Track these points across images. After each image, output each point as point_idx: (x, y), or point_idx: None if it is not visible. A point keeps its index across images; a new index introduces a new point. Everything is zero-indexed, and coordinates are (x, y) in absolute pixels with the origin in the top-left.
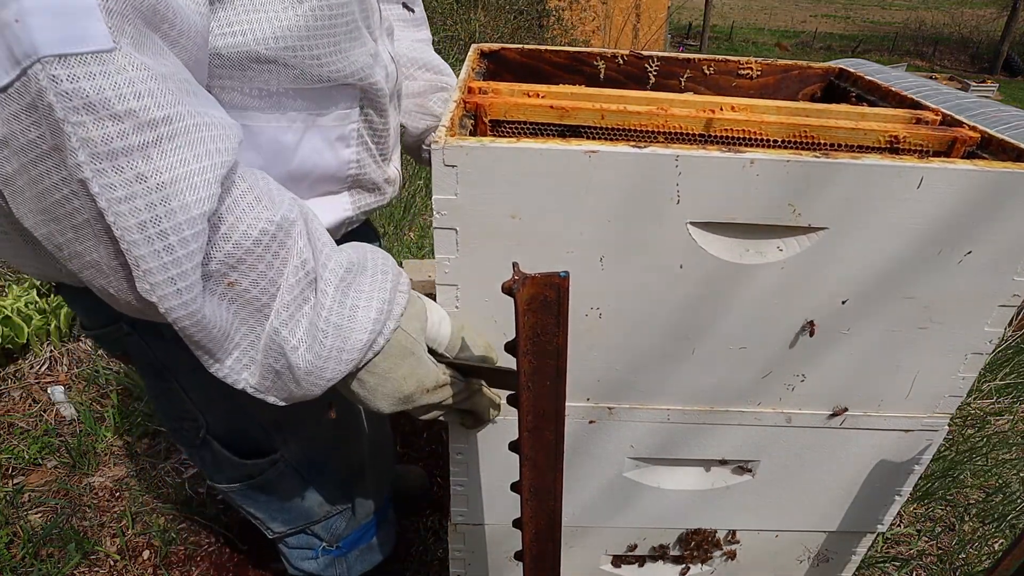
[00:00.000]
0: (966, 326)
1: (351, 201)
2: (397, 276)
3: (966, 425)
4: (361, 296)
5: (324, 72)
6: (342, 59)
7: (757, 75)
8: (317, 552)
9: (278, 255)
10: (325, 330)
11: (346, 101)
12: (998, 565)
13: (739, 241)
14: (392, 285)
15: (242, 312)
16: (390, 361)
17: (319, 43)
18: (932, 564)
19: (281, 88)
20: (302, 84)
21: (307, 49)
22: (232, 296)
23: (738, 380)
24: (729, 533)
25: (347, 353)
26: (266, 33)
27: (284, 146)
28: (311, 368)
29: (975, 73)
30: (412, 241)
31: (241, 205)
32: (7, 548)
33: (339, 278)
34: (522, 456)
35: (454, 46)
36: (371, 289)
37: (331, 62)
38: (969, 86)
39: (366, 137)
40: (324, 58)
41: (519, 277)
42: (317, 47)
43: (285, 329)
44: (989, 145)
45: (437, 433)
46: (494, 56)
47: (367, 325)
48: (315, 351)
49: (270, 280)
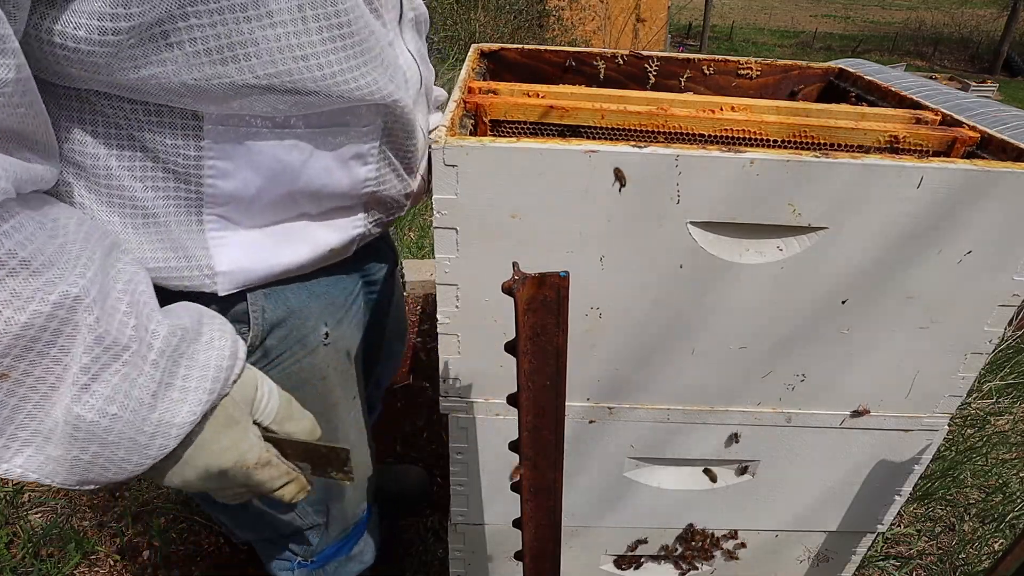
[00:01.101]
0: (966, 326)
1: (366, 218)
2: (235, 343)
3: (966, 425)
4: (194, 364)
5: (333, 93)
6: (350, 80)
7: (757, 75)
8: (293, 565)
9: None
10: (141, 401)
11: (363, 119)
12: (998, 565)
13: (739, 241)
14: (230, 351)
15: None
16: (211, 430)
17: (319, 63)
18: (932, 564)
19: (280, 114)
20: (304, 110)
21: (306, 72)
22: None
23: (738, 380)
24: (729, 533)
25: (176, 428)
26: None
27: (287, 166)
28: (130, 444)
29: (975, 73)
30: (412, 241)
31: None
32: (7, 548)
33: (170, 347)
34: (522, 456)
35: (454, 46)
36: (206, 355)
37: (337, 84)
38: (969, 86)
39: (389, 154)
40: (328, 79)
41: (519, 277)
42: (318, 68)
43: (81, 407)
44: (989, 145)
45: (437, 433)
46: (494, 56)
47: (201, 396)
48: (135, 426)
49: (49, 363)
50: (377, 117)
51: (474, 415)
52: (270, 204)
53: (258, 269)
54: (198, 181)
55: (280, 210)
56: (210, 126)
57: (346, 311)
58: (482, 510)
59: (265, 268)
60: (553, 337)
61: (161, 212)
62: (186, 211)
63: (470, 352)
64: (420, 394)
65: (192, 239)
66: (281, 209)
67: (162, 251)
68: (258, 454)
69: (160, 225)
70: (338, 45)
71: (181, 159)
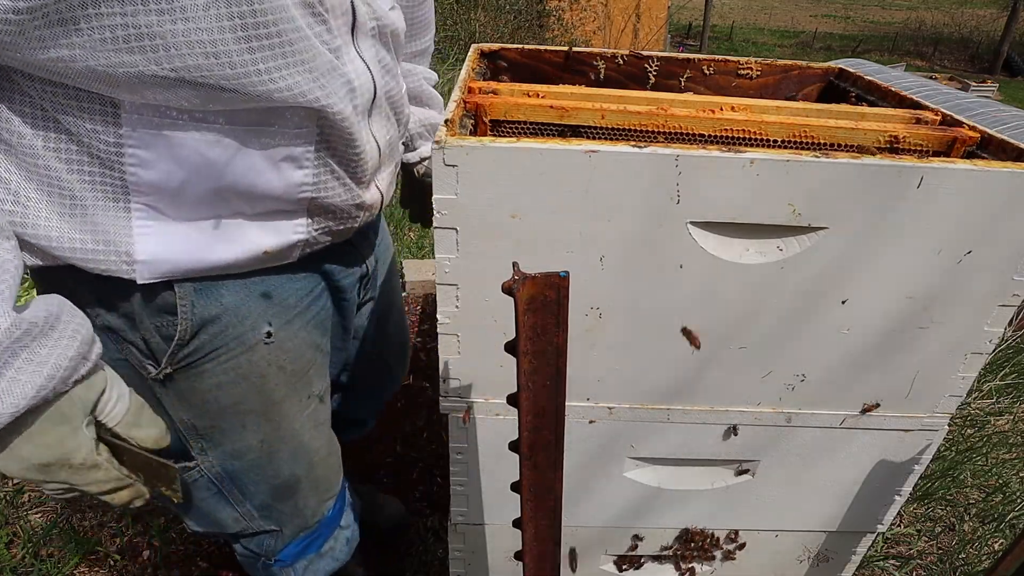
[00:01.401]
0: (966, 326)
1: (309, 224)
2: (87, 345)
3: (966, 425)
4: (34, 358)
5: (248, 92)
6: (267, 80)
7: (757, 75)
8: (259, 564)
9: None
10: None
11: (291, 122)
12: (998, 565)
13: (739, 241)
14: (77, 352)
15: None
16: (39, 424)
17: (231, 61)
18: (932, 564)
19: (197, 108)
20: (222, 105)
21: (216, 68)
22: None
23: (738, 380)
24: (729, 533)
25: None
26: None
27: (210, 161)
28: None
29: (975, 73)
30: (412, 241)
31: None
32: (7, 548)
33: (9, 339)
34: (522, 456)
35: (454, 46)
36: (49, 352)
37: (252, 83)
38: (969, 86)
39: (329, 161)
40: (242, 78)
41: (519, 277)
42: (230, 66)
43: None
44: (989, 145)
45: (437, 433)
46: (494, 56)
47: (28, 391)
48: None
49: None
50: (309, 121)
51: (474, 415)
52: (198, 198)
53: (183, 262)
54: (120, 169)
55: (211, 206)
56: (127, 114)
57: (299, 313)
58: (482, 510)
59: (192, 262)
60: (553, 337)
61: (87, 196)
62: (112, 198)
63: (470, 352)
64: (420, 394)
65: (116, 225)
66: (212, 205)
67: (82, 234)
68: (84, 455)
69: (84, 208)
70: (253, 45)
71: (102, 145)
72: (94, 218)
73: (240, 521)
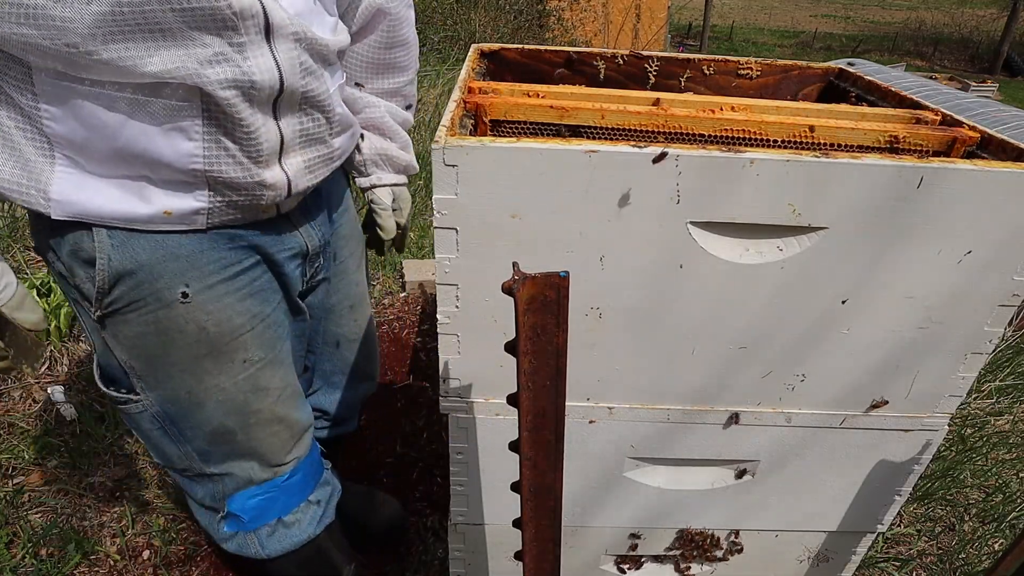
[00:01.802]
0: (966, 326)
1: (211, 196)
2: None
3: (966, 425)
4: None
5: (129, 70)
6: (143, 63)
7: (757, 75)
8: (217, 524)
9: None
10: None
11: (173, 96)
12: (998, 565)
13: (739, 241)
14: None
15: None
16: None
17: (110, 47)
18: (932, 564)
19: (89, 76)
20: (110, 76)
21: (102, 51)
22: None
23: (738, 380)
24: (729, 533)
25: None
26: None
27: (104, 123)
28: None
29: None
30: (412, 241)
31: None
32: (7, 548)
33: None
34: (522, 456)
35: (454, 46)
36: None
37: (129, 67)
38: (969, 86)
39: (221, 138)
40: (121, 63)
41: (519, 277)
42: (110, 51)
43: None
44: (989, 145)
45: (437, 433)
46: (494, 56)
47: None
48: None
49: None
50: (192, 97)
51: (474, 415)
52: (104, 156)
53: (91, 208)
54: (39, 121)
55: (117, 165)
56: (36, 74)
57: (224, 280)
58: (482, 510)
59: (99, 209)
60: (553, 337)
61: (18, 138)
62: (37, 145)
63: (470, 352)
64: (420, 394)
65: (40, 166)
66: (117, 164)
67: (12, 168)
68: None
69: (15, 147)
70: (127, 34)
71: (24, 99)
72: (23, 156)
73: (183, 460)
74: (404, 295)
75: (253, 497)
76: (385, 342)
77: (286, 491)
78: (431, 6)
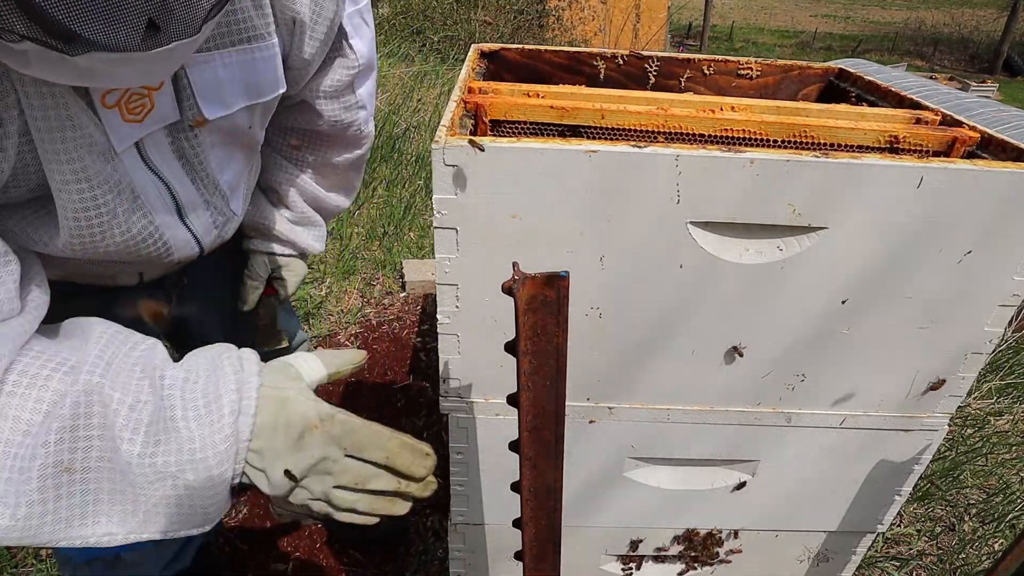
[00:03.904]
0: (966, 326)
1: None
2: (240, 360)
3: (966, 425)
4: (209, 394)
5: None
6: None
7: (757, 75)
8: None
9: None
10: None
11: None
12: (998, 565)
13: (739, 241)
14: (236, 367)
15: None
16: (264, 415)
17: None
18: (932, 564)
19: None
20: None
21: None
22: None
23: (738, 380)
24: (729, 533)
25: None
26: None
27: None
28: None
29: (975, 73)
30: (412, 241)
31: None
32: (7, 548)
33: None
34: (522, 456)
35: (454, 46)
36: (225, 383)
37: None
38: (969, 86)
39: None
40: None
41: (519, 277)
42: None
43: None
44: (989, 145)
45: (437, 433)
46: (494, 56)
47: (228, 416)
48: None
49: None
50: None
51: (474, 415)
52: None
53: None
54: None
55: None
56: None
57: None
58: (482, 510)
59: None
60: (553, 337)
61: None
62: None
63: (470, 352)
64: (420, 394)
65: None
66: None
67: None
68: (318, 410)
69: None
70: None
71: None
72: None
73: None
74: (404, 295)
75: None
76: (385, 342)
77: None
78: (431, 6)
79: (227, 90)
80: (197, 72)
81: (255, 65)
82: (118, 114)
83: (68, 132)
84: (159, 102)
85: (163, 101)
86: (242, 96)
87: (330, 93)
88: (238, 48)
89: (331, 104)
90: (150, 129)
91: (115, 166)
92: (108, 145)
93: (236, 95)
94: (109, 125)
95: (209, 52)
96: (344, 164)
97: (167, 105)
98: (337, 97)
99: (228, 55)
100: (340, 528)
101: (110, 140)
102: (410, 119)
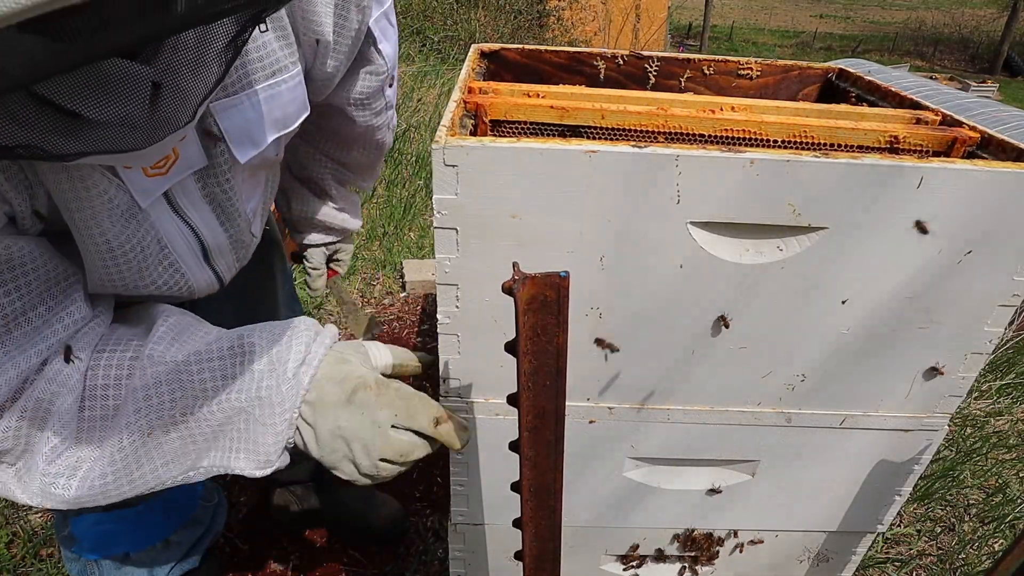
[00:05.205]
0: (966, 326)
1: None
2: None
3: (966, 425)
4: (292, 345)
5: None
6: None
7: (757, 75)
8: (66, 547)
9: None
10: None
11: None
12: (998, 565)
13: (739, 241)
14: (313, 333)
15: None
16: (325, 368)
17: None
18: (932, 564)
19: None
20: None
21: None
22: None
23: (738, 380)
24: (729, 533)
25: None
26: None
27: None
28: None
29: (975, 73)
30: (412, 241)
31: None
32: (7, 548)
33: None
34: (522, 456)
35: (454, 46)
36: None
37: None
38: (969, 86)
39: None
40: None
41: (519, 277)
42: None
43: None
44: (989, 145)
45: None
46: (494, 56)
47: (298, 354)
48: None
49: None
50: None
51: (474, 415)
52: None
53: None
54: None
55: None
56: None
57: None
58: (482, 510)
59: None
60: (553, 337)
61: None
62: None
63: (470, 352)
64: None
65: None
66: None
67: None
68: (375, 376)
69: None
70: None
71: None
72: None
73: None
74: (404, 295)
75: (99, 524)
76: (385, 342)
77: (137, 524)
78: (431, 6)
79: (256, 128)
80: (227, 118)
81: (281, 97)
82: (140, 172)
83: (84, 202)
84: (184, 152)
85: (188, 150)
86: (271, 130)
87: (360, 101)
88: (264, 85)
89: (362, 112)
90: (176, 179)
91: (140, 221)
92: (133, 202)
93: (265, 131)
94: (131, 183)
95: (236, 95)
96: (375, 155)
97: (193, 153)
98: (368, 105)
99: (255, 94)
100: (340, 528)
101: (134, 198)
102: (410, 119)
